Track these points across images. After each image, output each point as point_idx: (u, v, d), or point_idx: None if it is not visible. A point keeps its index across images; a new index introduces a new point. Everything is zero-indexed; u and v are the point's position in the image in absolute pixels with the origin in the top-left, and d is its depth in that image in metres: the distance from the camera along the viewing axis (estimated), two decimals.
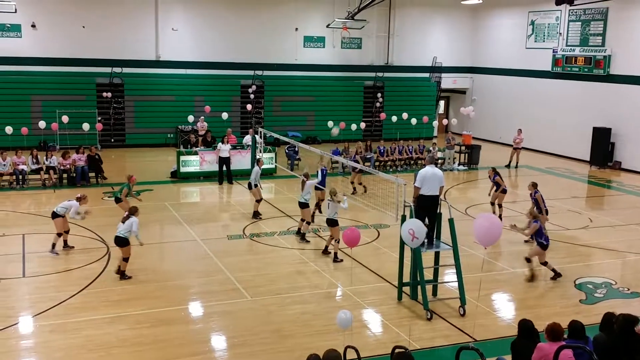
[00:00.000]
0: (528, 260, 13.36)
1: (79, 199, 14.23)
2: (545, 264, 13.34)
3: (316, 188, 16.76)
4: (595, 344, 7.20)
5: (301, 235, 15.60)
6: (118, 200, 16.22)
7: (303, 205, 15.45)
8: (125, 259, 12.63)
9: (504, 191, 17.66)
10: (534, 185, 15.72)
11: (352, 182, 20.78)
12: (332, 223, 13.98)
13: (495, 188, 17.67)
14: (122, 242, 12.55)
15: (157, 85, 29.29)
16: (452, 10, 34.26)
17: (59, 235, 14.17)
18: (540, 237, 13.19)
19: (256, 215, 17.52)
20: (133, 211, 12.74)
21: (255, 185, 17.59)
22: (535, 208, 14.96)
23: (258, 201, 17.65)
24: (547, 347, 6.86)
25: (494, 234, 9.31)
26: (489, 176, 17.90)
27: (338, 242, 13.83)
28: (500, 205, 17.67)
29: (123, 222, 12.56)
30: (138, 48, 29.15)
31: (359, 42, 33.00)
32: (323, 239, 15.46)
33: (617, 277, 13.52)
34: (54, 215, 14.13)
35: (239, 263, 13.87)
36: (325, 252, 14.41)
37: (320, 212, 17.16)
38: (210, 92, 29.66)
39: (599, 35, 27.42)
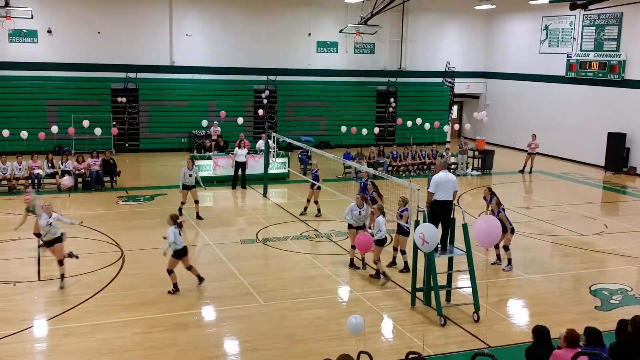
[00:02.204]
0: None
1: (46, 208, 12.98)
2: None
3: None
4: (611, 351, 7.14)
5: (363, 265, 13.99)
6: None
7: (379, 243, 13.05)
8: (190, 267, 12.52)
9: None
10: (490, 191, 15.18)
11: (308, 200, 18.49)
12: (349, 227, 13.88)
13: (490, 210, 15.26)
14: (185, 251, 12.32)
15: (171, 90, 29.45)
16: (465, 15, 34.20)
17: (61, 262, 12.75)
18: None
19: (199, 217, 17.78)
20: (174, 219, 12.31)
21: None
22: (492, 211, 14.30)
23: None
24: (564, 353, 6.80)
25: (493, 235, 9.28)
26: (485, 197, 15.79)
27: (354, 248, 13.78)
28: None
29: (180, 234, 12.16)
30: (152, 53, 29.34)
31: (371, 47, 33.01)
32: (338, 244, 15.42)
33: (632, 284, 13.39)
34: (57, 240, 12.72)
35: (252, 267, 13.88)
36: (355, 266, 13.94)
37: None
38: (223, 97, 29.77)
39: (613, 40, 27.25)
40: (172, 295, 12.10)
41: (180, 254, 12.17)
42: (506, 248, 14.01)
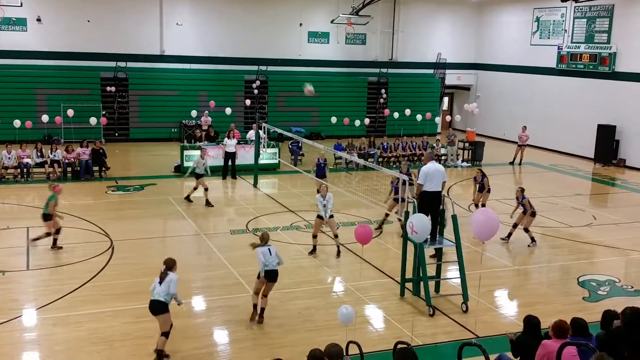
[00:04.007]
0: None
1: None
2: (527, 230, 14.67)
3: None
4: (598, 341, 7.19)
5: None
6: (47, 218, 13.81)
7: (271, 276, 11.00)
8: (166, 334, 9.28)
9: (489, 191, 17.21)
10: (521, 191, 15.46)
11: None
12: (272, 277, 12.16)
13: (478, 188, 17.16)
14: (160, 307, 9.26)
15: (161, 79, 29.30)
16: (456, 7, 34.20)
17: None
18: None
19: (209, 204, 18.09)
20: (171, 265, 9.46)
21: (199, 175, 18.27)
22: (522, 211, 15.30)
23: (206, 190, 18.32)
24: (553, 344, 6.84)
25: (491, 228, 9.32)
26: (475, 177, 17.31)
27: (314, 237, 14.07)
28: (484, 205, 17.24)
29: (160, 282, 9.28)
30: (142, 42, 29.16)
31: (363, 37, 32.95)
32: (328, 235, 15.45)
33: (620, 275, 13.50)
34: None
35: (241, 258, 13.85)
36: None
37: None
38: (214, 87, 29.66)
39: (604, 32, 27.33)
40: None
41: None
42: (526, 230, 15.18)
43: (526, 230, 15.24)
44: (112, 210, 17.42)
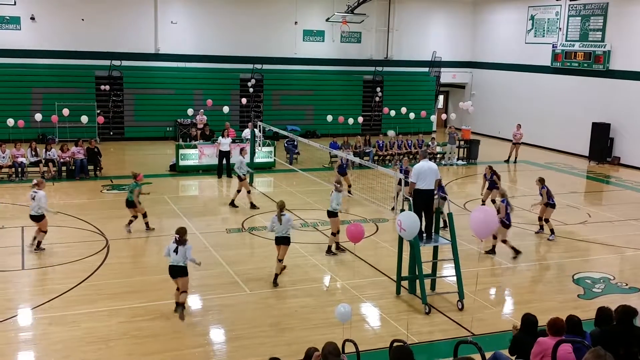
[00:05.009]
0: (494, 237, 14.07)
1: (37, 185, 13.81)
2: (504, 242, 14.12)
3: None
4: (593, 339, 7.22)
5: (329, 249, 14.16)
6: (130, 204, 15.21)
7: (331, 214, 13.95)
8: (185, 291, 10.71)
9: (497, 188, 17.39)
10: (541, 181, 15.95)
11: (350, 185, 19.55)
12: (332, 215, 13.90)
13: (488, 185, 17.69)
14: (181, 272, 10.59)
15: (156, 78, 29.24)
16: (451, 5, 34.23)
17: (45, 232, 13.86)
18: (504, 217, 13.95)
19: (254, 206, 17.74)
20: (184, 234, 10.62)
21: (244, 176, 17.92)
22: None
23: (248, 192, 18.05)
24: (548, 341, 6.87)
25: (489, 226, 9.34)
26: (485, 175, 17.84)
27: (335, 234, 13.84)
28: (493, 201, 17.68)
29: (176, 251, 10.46)
30: (137, 41, 29.08)
31: (358, 36, 32.95)
32: (324, 233, 15.45)
33: (615, 272, 13.55)
34: (39, 218, 13.67)
35: (237, 256, 13.88)
36: (330, 251, 14.12)
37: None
38: (209, 85, 29.62)
39: (598, 30, 27.39)
40: (158, 284, 12.00)
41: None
42: (547, 220, 15.61)
43: (546, 220, 15.65)
44: (108, 210, 17.39)
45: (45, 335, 10.03)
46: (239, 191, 18.02)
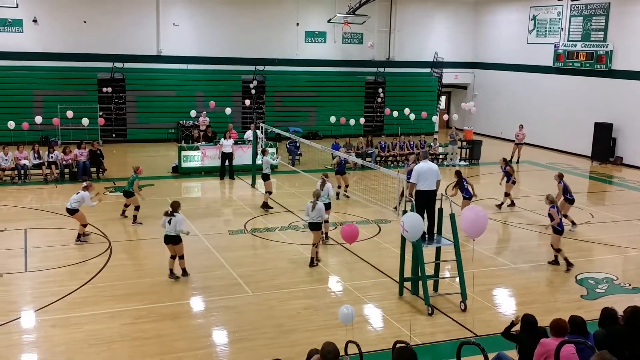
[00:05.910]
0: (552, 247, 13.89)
1: (86, 188, 14.76)
2: (558, 250, 13.80)
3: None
4: (596, 339, 7.21)
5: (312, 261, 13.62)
6: (129, 194, 16.35)
7: (314, 227, 13.51)
8: (182, 256, 12.56)
9: (514, 182, 18.56)
10: (560, 176, 16.43)
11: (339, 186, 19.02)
12: (315, 227, 13.42)
13: (505, 179, 18.43)
14: (174, 240, 12.40)
15: (158, 80, 29.27)
16: (453, 6, 34.22)
17: (84, 225, 14.71)
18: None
19: (266, 206, 17.76)
20: (176, 207, 12.51)
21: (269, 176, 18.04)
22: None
23: (269, 193, 18.01)
24: (551, 342, 6.87)
25: (480, 225, 9.33)
26: (501, 166, 18.70)
27: (315, 246, 13.52)
28: (507, 194, 18.47)
29: (169, 222, 12.29)
30: (139, 43, 29.12)
31: (360, 37, 32.94)
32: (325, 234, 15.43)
33: (618, 273, 13.52)
34: (72, 211, 14.49)
35: (240, 258, 13.88)
36: (313, 263, 13.55)
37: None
38: (211, 87, 29.65)
39: (600, 30, 27.35)
40: (160, 286, 12.07)
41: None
42: (565, 216, 15.80)
43: (565, 216, 15.74)
44: (110, 212, 17.39)
45: (47, 338, 10.04)
46: (269, 193, 18.13)
